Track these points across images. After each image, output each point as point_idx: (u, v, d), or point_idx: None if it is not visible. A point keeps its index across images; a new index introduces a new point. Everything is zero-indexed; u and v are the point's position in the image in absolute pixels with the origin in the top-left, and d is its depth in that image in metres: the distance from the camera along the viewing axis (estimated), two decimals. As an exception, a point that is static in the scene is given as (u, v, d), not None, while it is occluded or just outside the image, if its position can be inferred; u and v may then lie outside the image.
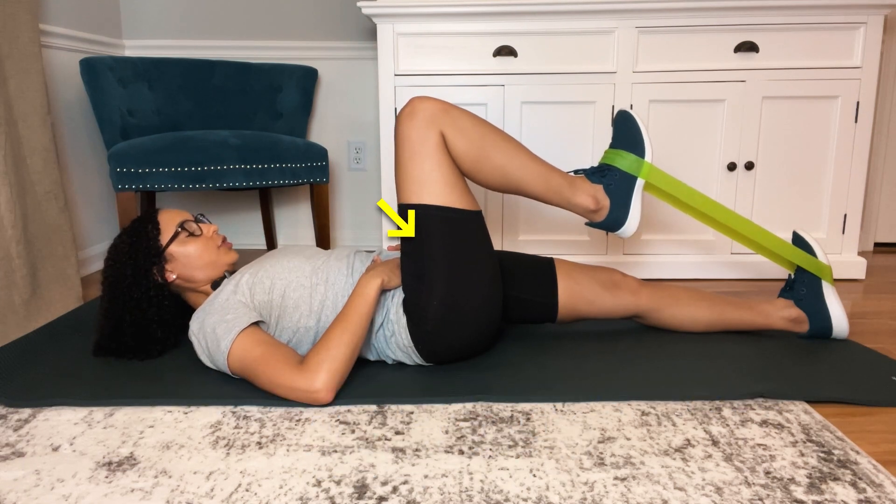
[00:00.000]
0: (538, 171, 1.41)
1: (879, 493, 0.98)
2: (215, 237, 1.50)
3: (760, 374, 1.39)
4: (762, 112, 2.20)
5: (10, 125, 1.76)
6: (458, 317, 1.36)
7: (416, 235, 1.34)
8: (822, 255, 1.57)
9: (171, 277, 1.45)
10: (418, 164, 1.33)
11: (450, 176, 1.34)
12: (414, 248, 1.36)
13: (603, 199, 1.44)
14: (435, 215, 1.33)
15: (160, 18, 2.72)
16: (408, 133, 1.33)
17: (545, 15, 2.15)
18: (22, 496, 1.00)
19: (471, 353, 1.45)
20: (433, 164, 1.33)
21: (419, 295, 1.35)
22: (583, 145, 2.24)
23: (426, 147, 1.32)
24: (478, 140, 1.36)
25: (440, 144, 1.33)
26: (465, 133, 1.35)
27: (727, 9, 2.11)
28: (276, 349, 1.29)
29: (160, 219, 1.47)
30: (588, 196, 1.44)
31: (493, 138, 1.38)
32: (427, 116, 1.33)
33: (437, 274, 1.33)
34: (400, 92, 2.23)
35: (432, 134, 1.33)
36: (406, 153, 1.34)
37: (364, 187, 2.87)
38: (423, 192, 1.33)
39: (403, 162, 1.34)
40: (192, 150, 2.08)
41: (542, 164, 1.42)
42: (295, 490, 1.00)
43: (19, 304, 1.74)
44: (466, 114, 1.37)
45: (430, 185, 1.33)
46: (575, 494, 0.98)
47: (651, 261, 2.29)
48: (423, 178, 1.33)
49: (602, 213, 1.45)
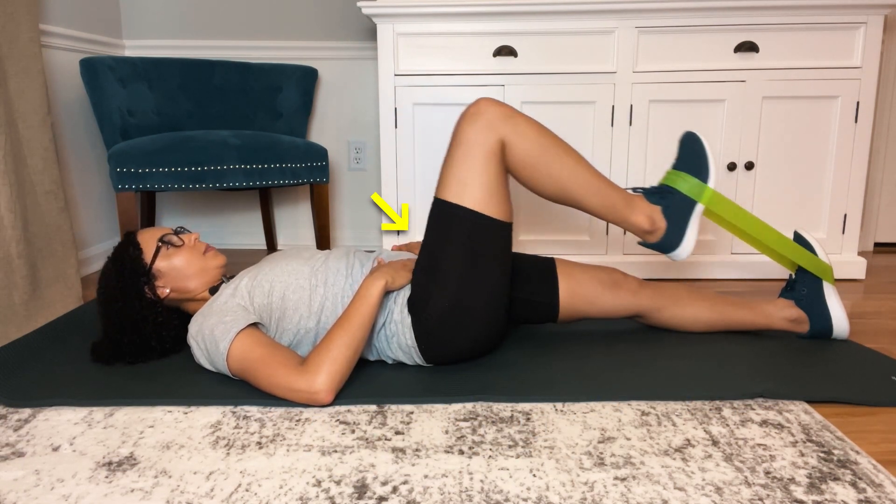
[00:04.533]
0: (596, 186, 1.41)
1: (879, 493, 0.98)
2: (198, 245, 1.49)
3: (760, 374, 1.39)
4: (762, 112, 2.20)
5: (10, 125, 1.76)
6: (461, 318, 1.36)
7: (442, 232, 1.35)
8: (823, 255, 1.57)
9: (164, 293, 1.46)
10: (467, 167, 1.33)
11: (494, 184, 1.35)
12: (436, 244, 1.36)
13: (660, 221, 1.43)
14: (466, 219, 1.33)
15: (160, 18, 2.72)
16: (466, 134, 1.34)
17: (545, 15, 2.15)
18: (22, 496, 1.00)
19: (471, 356, 1.45)
20: (481, 169, 1.33)
21: (427, 289, 1.35)
22: (583, 145, 2.24)
23: (480, 151, 1.33)
24: (538, 149, 1.36)
25: (494, 150, 1.34)
26: (527, 141, 1.35)
27: (727, 9, 2.11)
28: (276, 350, 1.29)
29: (139, 239, 1.46)
30: (644, 216, 1.43)
31: (555, 150, 1.38)
32: (489, 120, 1.33)
33: (452, 273, 1.34)
34: (400, 92, 2.23)
35: (490, 139, 1.33)
36: (459, 152, 1.34)
37: (364, 187, 2.87)
38: (463, 194, 1.34)
39: (454, 160, 1.35)
40: (192, 150, 2.08)
41: (601, 180, 1.42)
42: (295, 490, 1.00)
43: (19, 304, 1.74)
44: (530, 121, 1.37)
45: (472, 189, 1.33)
46: (575, 494, 0.98)
47: (651, 261, 2.29)
48: (467, 181, 1.33)
49: (657, 234, 1.44)
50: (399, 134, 2.26)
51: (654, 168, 2.24)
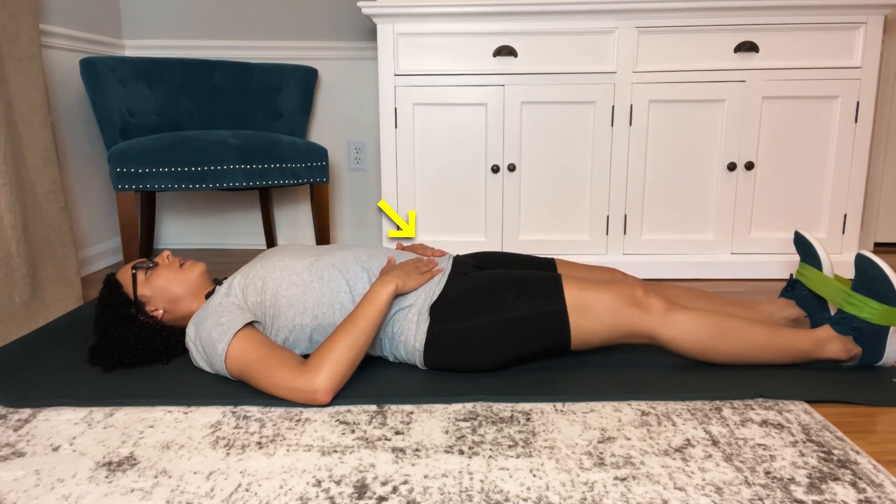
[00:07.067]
0: (776, 347, 1.39)
1: (879, 493, 0.98)
2: (172, 260, 1.50)
3: (760, 374, 1.39)
4: (762, 112, 2.20)
5: (10, 125, 1.76)
6: (479, 348, 1.37)
7: (534, 291, 1.37)
8: (824, 255, 1.57)
9: (159, 314, 1.46)
10: (601, 323, 1.35)
11: (600, 336, 1.37)
12: (516, 287, 1.38)
13: (854, 349, 1.40)
14: (559, 322, 1.35)
15: (160, 18, 2.72)
16: (625, 315, 1.35)
17: (545, 15, 2.15)
18: (22, 496, 1.00)
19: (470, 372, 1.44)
20: (605, 330, 1.36)
21: (469, 308, 1.36)
22: (583, 145, 2.24)
23: (620, 325, 1.35)
24: (702, 340, 1.36)
25: (629, 332, 1.36)
26: (688, 335, 1.36)
27: (727, 9, 2.11)
28: (274, 350, 1.29)
29: (118, 278, 1.48)
30: (839, 350, 1.40)
31: (720, 336, 1.37)
32: (653, 315, 1.35)
33: (501, 315, 1.35)
34: (400, 92, 2.23)
35: (638, 328, 1.35)
36: (607, 316, 1.35)
37: (364, 187, 2.87)
38: (580, 316, 1.35)
39: (597, 311, 1.35)
40: (192, 150, 2.08)
41: (779, 339, 1.39)
42: (295, 490, 1.00)
43: (19, 304, 1.74)
44: (690, 314, 1.36)
45: (589, 319, 1.35)
46: (575, 494, 0.98)
47: (651, 261, 2.29)
48: (591, 319, 1.35)
49: (854, 359, 1.42)
50: (399, 134, 2.26)
51: (655, 168, 2.24)
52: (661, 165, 2.25)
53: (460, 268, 1.49)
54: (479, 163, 2.27)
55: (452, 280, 1.43)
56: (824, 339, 1.40)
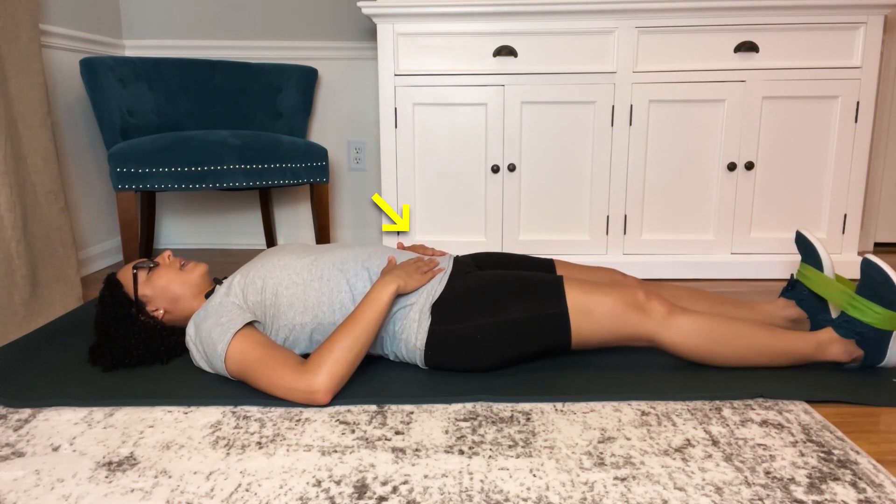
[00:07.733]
0: (777, 350, 1.39)
1: (879, 493, 0.98)
2: (173, 261, 1.50)
3: (760, 374, 1.39)
4: (762, 112, 2.20)
5: (10, 125, 1.76)
6: (479, 348, 1.37)
7: (535, 293, 1.37)
8: (826, 255, 1.57)
9: (159, 315, 1.46)
10: (602, 326, 1.36)
11: (602, 338, 1.37)
12: (519, 289, 1.38)
13: (856, 351, 1.39)
14: (560, 324, 1.35)
15: (160, 18, 2.72)
16: (626, 319, 1.35)
17: (545, 15, 2.15)
18: (22, 496, 1.00)
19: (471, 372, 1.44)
20: (606, 333, 1.36)
21: (471, 308, 1.36)
22: (583, 145, 2.24)
23: (621, 329, 1.35)
24: (703, 344, 1.37)
25: (629, 335, 1.36)
26: (689, 339, 1.36)
27: (727, 9, 2.11)
28: (274, 350, 1.29)
29: (118, 278, 1.48)
30: (840, 353, 1.40)
31: (721, 339, 1.37)
32: (654, 319, 1.35)
33: (503, 316, 1.35)
34: (400, 92, 2.23)
35: (639, 331, 1.35)
36: (608, 320, 1.35)
37: (364, 187, 2.87)
38: (582, 318, 1.35)
39: (599, 313, 1.35)
40: (192, 150, 2.08)
41: (781, 342, 1.40)
42: (295, 490, 1.00)
43: (19, 304, 1.74)
44: (691, 318, 1.36)
45: (590, 322, 1.35)
46: (575, 494, 0.98)
47: (651, 261, 2.29)
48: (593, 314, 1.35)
49: (856, 361, 1.42)
50: (399, 134, 2.26)
51: (655, 168, 2.24)
52: (661, 165, 2.25)
53: (462, 268, 1.49)
54: (479, 163, 2.27)
55: (454, 279, 1.43)
56: (826, 342, 1.40)
